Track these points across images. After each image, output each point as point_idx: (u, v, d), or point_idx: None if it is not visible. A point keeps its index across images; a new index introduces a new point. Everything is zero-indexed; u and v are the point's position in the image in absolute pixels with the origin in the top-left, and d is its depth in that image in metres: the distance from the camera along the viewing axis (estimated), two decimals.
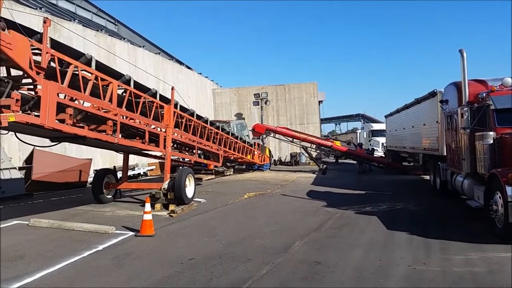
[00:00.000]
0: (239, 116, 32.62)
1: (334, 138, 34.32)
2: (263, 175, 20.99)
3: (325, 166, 22.58)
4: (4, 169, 12.39)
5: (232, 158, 19.25)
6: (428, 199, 11.61)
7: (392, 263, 5.65)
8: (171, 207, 10.14)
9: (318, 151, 25.21)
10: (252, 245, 6.72)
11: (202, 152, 16.34)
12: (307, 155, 25.38)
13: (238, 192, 13.49)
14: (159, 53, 27.36)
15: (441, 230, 7.47)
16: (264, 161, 24.16)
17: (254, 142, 22.64)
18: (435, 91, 13.25)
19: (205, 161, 15.55)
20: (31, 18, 13.81)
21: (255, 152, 22.22)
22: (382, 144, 28.30)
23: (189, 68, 31.57)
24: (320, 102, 34.77)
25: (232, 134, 18.11)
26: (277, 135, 24.30)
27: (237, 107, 33.86)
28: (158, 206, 10.33)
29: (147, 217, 7.56)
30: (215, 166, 17.67)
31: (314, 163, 24.39)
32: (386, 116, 24.03)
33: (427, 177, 15.60)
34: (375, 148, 28.44)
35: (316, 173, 21.73)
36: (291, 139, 23.73)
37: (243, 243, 6.91)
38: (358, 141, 31.67)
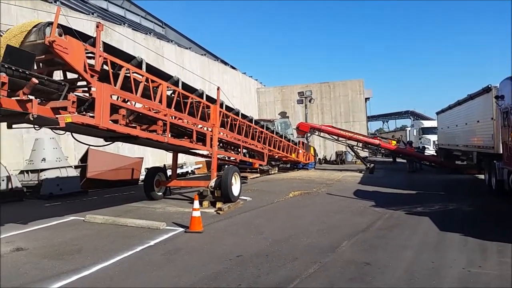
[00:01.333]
0: (283, 114, 32.57)
1: (391, 137, 33.15)
2: (308, 174, 20.83)
3: (372, 165, 22.04)
4: (61, 167, 13.14)
5: (276, 156, 19.26)
6: (483, 200, 11.04)
7: (445, 265, 5.42)
8: (218, 204, 10.31)
9: (365, 150, 24.62)
10: (298, 244, 6.69)
11: (247, 151, 16.48)
12: (353, 153, 24.90)
13: (283, 191, 13.48)
14: (205, 55, 27.88)
15: (498, 232, 7.07)
16: (308, 159, 23.97)
17: (299, 141, 22.53)
18: (489, 86, 12.57)
19: (250, 160, 15.67)
20: (84, 23, 14.55)
21: (300, 151, 22.09)
22: (434, 142, 27.23)
23: (233, 68, 31.93)
24: (366, 99, 33.98)
25: (277, 133, 18.12)
26: (322, 134, 24.01)
27: (281, 106, 33.82)
28: (205, 203, 10.53)
29: (196, 214, 7.74)
30: (260, 165, 17.76)
31: (361, 162, 23.88)
32: (437, 113, 23.10)
33: (482, 177, 14.83)
34: (426, 146, 27.37)
35: (363, 172, 21.26)
36: (336, 137, 23.36)
37: (289, 241, 6.89)
38: (408, 139, 30.61)
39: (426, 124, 32.34)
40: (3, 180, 11.75)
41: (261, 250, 6.31)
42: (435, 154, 24.40)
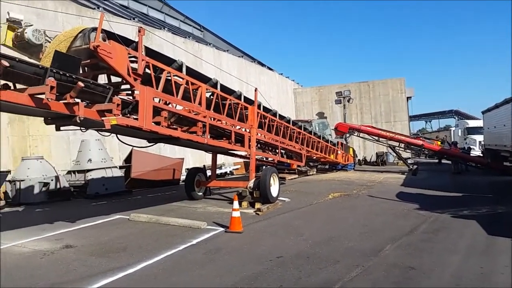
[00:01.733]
0: (321, 115, 32.22)
1: (435, 137, 31.99)
2: (347, 175, 20.49)
3: (415, 166, 21.37)
4: (106, 168, 13.63)
5: (314, 157, 19.07)
6: None
7: (495, 271, 5.16)
8: (257, 205, 10.34)
9: (408, 151, 23.90)
10: (339, 247, 6.58)
11: (285, 152, 16.42)
12: (395, 154, 24.23)
13: (322, 192, 13.33)
14: (242, 56, 28.09)
15: None
16: (348, 160, 23.58)
17: (337, 141, 22.20)
18: None
19: (288, 161, 15.61)
20: (126, 28, 15.04)
21: (339, 152, 21.77)
22: (479, 142, 26.03)
23: (270, 69, 31.95)
24: (408, 98, 32.99)
25: (314, 134, 17.95)
26: (361, 134, 23.54)
27: (318, 106, 33.48)
28: (244, 204, 10.59)
29: (236, 214, 7.79)
30: (298, 166, 17.63)
31: (403, 163, 23.21)
32: (483, 112, 22.06)
33: None
34: (471, 146, 26.23)
35: (405, 174, 20.65)
36: (376, 138, 22.82)
37: (330, 244, 6.80)
38: (453, 140, 29.45)
39: (472, 124, 30.98)
40: (52, 180, 12.32)
41: (301, 252, 6.27)
42: (481, 155, 23.32)
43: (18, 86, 6.10)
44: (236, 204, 7.95)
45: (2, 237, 7.53)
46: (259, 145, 13.73)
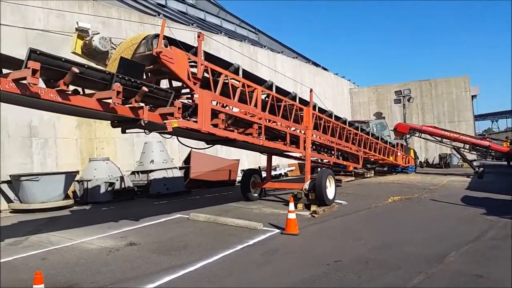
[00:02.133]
0: (379, 115, 31.27)
1: (505, 138, 29.90)
2: (408, 178, 19.71)
3: (481, 169, 20.10)
4: (167, 168, 14.17)
5: (372, 159, 18.55)
6: None
7: None
8: (313, 207, 10.24)
9: (473, 152, 22.54)
10: (400, 252, 6.35)
11: (341, 153, 16.13)
12: (459, 156, 22.94)
13: (381, 195, 12.93)
14: (296, 57, 28.02)
15: None
16: (408, 163, 22.68)
17: (397, 143, 21.43)
18: None
19: (344, 163, 15.31)
20: (185, 34, 15.54)
21: (398, 153, 21.00)
22: None
23: (325, 69, 31.56)
24: (473, 97, 31.15)
25: (372, 135, 17.46)
26: (422, 135, 22.56)
27: (376, 106, 32.54)
28: (300, 206, 10.53)
29: (292, 216, 7.77)
30: (355, 168, 17.26)
31: (468, 166, 21.92)
32: None
33: None
34: None
35: (471, 176, 19.49)
36: (439, 138, 21.76)
37: (390, 249, 6.58)
38: None
39: None
40: (117, 180, 13.00)
41: (360, 256, 6.12)
42: None
43: (86, 91, 6.52)
44: (291, 206, 7.94)
45: (73, 233, 8.07)
46: (314, 146, 13.60)
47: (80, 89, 6.30)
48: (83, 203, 12.55)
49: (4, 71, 5.44)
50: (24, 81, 5.04)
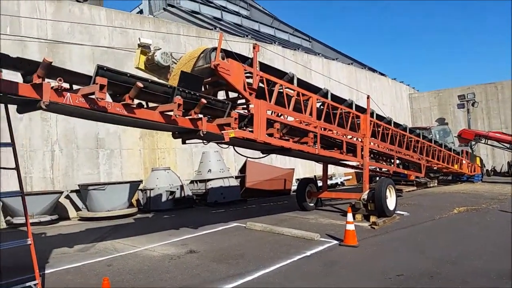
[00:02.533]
0: (441, 121, 29.78)
1: None
2: (474, 187, 18.53)
3: None
4: (224, 177, 14.43)
5: (435, 168, 17.67)
6: None
7: None
8: (372, 218, 9.92)
9: None
10: (468, 266, 5.97)
11: (401, 162, 15.54)
12: None
13: (445, 206, 12.25)
14: (351, 63, 27.53)
15: None
16: (474, 171, 21.32)
17: (462, 150, 20.25)
18: None
19: (405, 171, 14.73)
20: (240, 45, 15.85)
21: (463, 161, 19.82)
22: None
23: (382, 74, 30.70)
24: None
25: (435, 142, 16.64)
26: (489, 141, 21.17)
27: (438, 112, 31.02)
28: (358, 216, 10.25)
29: (350, 227, 7.58)
30: (416, 177, 16.53)
31: None
32: None
33: None
34: None
35: None
36: (507, 145, 20.31)
37: (456, 263, 6.20)
38: None
39: None
40: (177, 189, 13.45)
41: (424, 270, 5.82)
42: None
43: (144, 103, 6.82)
44: (350, 216, 7.75)
45: (136, 241, 8.43)
46: (372, 155, 13.24)
47: (143, 102, 6.63)
48: (146, 211, 13.08)
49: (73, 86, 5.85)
50: (93, 96, 5.38)
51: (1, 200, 10.64)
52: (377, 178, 15.33)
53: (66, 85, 5.36)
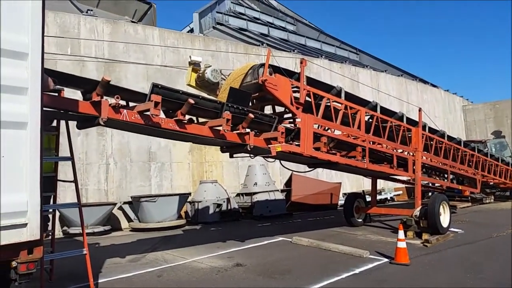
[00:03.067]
0: (497, 134, 28.19)
1: None
2: None
3: None
4: (270, 191, 14.47)
5: (492, 183, 16.69)
6: None
7: None
8: (425, 236, 9.54)
9: None
10: None
11: (455, 177, 14.86)
12: None
13: (503, 224, 11.54)
14: (401, 75, 26.88)
15: None
16: None
17: None
18: None
19: (459, 187, 14.05)
20: (286, 60, 15.99)
21: None
22: None
23: (434, 86, 29.67)
24: None
25: (491, 156, 15.78)
26: None
27: (493, 124, 29.44)
28: (410, 233, 9.89)
29: (401, 244, 7.32)
30: (471, 193, 15.73)
31: None
32: None
33: None
34: None
35: None
36: None
37: None
38: None
39: None
40: (224, 202, 13.64)
41: None
42: None
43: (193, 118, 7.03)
44: (401, 233, 7.49)
45: (185, 252, 8.62)
46: (424, 169, 12.76)
47: (194, 118, 6.86)
48: (194, 223, 13.35)
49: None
50: (148, 113, 5.66)
51: (59, 211, 11.28)
52: (430, 194, 14.74)
53: (123, 102, 5.68)
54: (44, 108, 3.96)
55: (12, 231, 3.53)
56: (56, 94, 5.09)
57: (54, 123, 5.68)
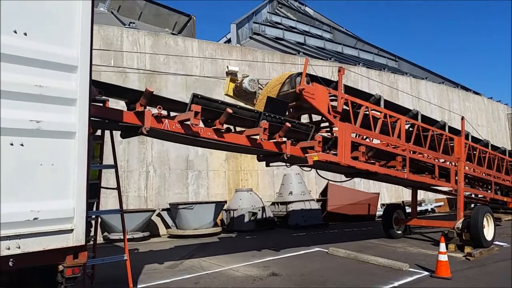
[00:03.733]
0: None
1: None
2: None
3: None
4: (305, 200, 14.36)
5: None
6: None
7: None
8: (467, 249, 9.17)
9: None
10: None
11: (499, 188, 14.20)
12: None
13: None
14: (442, 82, 26.10)
15: None
16: None
17: None
18: None
19: (504, 199, 13.41)
20: (323, 69, 15.88)
21: None
22: None
23: (476, 93, 28.58)
24: None
25: None
26: None
27: None
28: (451, 246, 9.53)
29: (443, 258, 7.07)
30: None
31: None
32: None
33: None
34: None
35: None
36: None
37: None
38: None
39: None
40: (259, 210, 13.67)
41: None
42: None
43: (235, 128, 7.13)
44: (443, 246, 7.23)
45: (221, 260, 8.69)
46: (467, 180, 12.29)
47: (231, 127, 6.96)
48: (229, 230, 13.44)
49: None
50: (188, 122, 5.80)
51: (100, 217, 11.67)
52: (472, 205, 14.16)
53: (165, 112, 5.85)
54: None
55: (60, 236, 3.70)
56: (102, 104, 5.32)
57: (99, 132, 5.93)
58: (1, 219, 3.33)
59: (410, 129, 9.74)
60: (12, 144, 3.43)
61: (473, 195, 13.62)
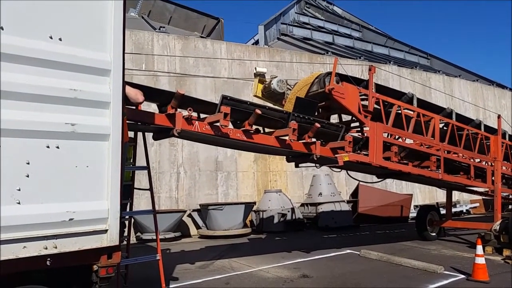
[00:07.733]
0: None
1: None
2: None
3: None
4: (335, 202, 14.19)
5: None
6: None
7: None
8: (506, 252, 8.80)
9: None
10: None
11: None
12: None
13: None
14: (477, 80, 25.22)
15: None
16: None
17: None
18: None
19: None
20: (352, 68, 15.68)
21: None
22: None
23: None
24: None
25: None
26: None
27: None
28: (489, 249, 9.18)
29: (480, 260, 6.82)
30: None
31: None
32: None
33: None
34: None
35: None
36: None
37: None
38: None
39: None
40: (288, 212, 13.60)
41: None
42: None
43: (264, 129, 7.13)
44: (480, 249, 6.98)
45: (251, 261, 8.69)
46: (504, 180, 11.83)
47: (260, 128, 6.96)
48: (259, 231, 13.43)
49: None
50: (217, 124, 5.84)
51: (133, 217, 11.92)
52: (510, 207, 13.61)
53: (195, 114, 5.92)
54: None
55: (94, 236, 3.78)
56: (134, 107, 5.43)
57: (132, 134, 6.06)
58: (39, 220, 3.43)
59: (444, 128, 9.47)
60: (48, 147, 3.53)
61: (510, 196, 13.10)
